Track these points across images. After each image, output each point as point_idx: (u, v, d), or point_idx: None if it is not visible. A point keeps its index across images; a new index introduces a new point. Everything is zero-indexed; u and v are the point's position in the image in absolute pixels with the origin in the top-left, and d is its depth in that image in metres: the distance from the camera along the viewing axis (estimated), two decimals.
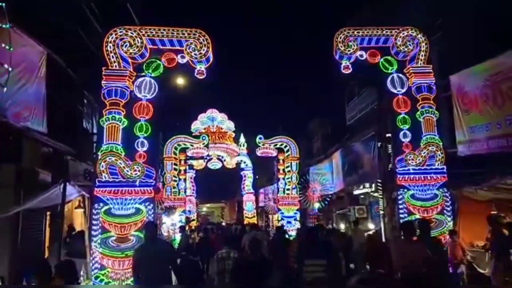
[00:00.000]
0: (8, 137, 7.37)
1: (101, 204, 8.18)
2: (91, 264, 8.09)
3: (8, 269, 7.19)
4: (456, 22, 9.39)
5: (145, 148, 8.66)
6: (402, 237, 6.27)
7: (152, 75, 8.95)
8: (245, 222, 20.62)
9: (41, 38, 7.94)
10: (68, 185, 7.28)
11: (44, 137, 8.25)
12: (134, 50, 8.66)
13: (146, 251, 5.75)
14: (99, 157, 8.32)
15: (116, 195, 8.21)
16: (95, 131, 11.42)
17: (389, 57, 9.51)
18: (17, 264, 7.29)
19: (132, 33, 8.69)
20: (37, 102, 7.84)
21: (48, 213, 8.76)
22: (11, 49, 6.42)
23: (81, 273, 7.89)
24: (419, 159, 9.01)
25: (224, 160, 20.54)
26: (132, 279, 6.95)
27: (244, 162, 21.38)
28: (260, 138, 18.31)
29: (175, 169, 18.88)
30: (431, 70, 9.36)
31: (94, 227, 8.14)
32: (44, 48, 8.07)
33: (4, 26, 6.33)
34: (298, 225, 16.57)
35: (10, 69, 6.45)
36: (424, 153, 9.02)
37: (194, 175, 22.23)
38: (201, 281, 7.60)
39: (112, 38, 8.67)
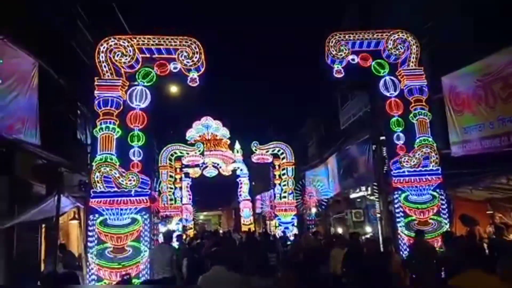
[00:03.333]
0: (1, 150, 7.32)
1: (97, 215, 8.14)
2: (87, 276, 8.02)
3: (3, 282, 7.11)
4: (447, 23, 9.45)
5: (139, 158, 8.65)
6: None
7: (145, 84, 8.96)
8: (243, 229, 20.57)
9: (33, 49, 7.92)
10: (63, 197, 7.22)
11: (37, 149, 8.19)
12: (126, 59, 8.67)
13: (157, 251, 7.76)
14: (94, 168, 8.28)
15: (112, 206, 8.17)
16: (89, 141, 11.37)
17: (380, 60, 9.58)
18: (13, 277, 7.21)
19: (123, 43, 8.69)
20: (30, 114, 7.80)
21: (43, 225, 8.68)
22: (1, 61, 6.40)
23: None
24: (413, 161, 9.04)
25: (220, 168, 20.49)
26: None
27: (240, 169, 21.35)
28: (255, 144, 18.31)
29: (171, 178, 18.81)
30: (423, 72, 9.44)
31: (90, 239, 8.09)
32: (35, 59, 8.04)
33: None
34: (295, 230, 16.54)
35: (0, 81, 6.42)
36: (419, 155, 9.05)
37: (190, 183, 22.15)
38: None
39: (104, 48, 8.67)
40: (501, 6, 8.06)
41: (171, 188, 18.92)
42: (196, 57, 8.90)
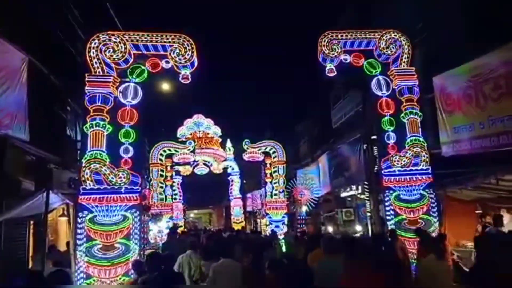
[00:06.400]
0: None
1: (86, 212, 8.05)
2: (76, 274, 7.94)
3: None
4: (439, 24, 9.51)
5: (130, 155, 8.57)
6: None
7: (136, 80, 8.89)
8: (233, 227, 20.55)
9: (23, 44, 7.82)
10: (52, 193, 7.14)
11: (26, 145, 8.09)
12: (118, 55, 8.59)
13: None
14: (83, 164, 8.19)
15: (101, 203, 8.08)
16: (79, 138, 11.27)
17: (372, 60, 9.61)
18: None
19: (115, 39, 8.61)
20: (19, 109, 7.69)
21: (31, 222, 8.59)
22: None
23: None
24: (404, 161, 9.09)
25: (211, 165, 20.43)
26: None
27: (231, 167, 21.31)
28: (247, 143, 18.28)
29: (162, 175, 18.73)
30: (414, 72, 9.48)
31: (79, 236, 8.00)
32: (25, 54, 7.94)
33: None
34: (286, 229, 16.56)
35: None
36: (409, 154, 9.11)
37: (181, 181, 22.06)
38: None
39: (95, 43, 8.58)
40: (493, 7, 8.12)
41: (162, 186, 18.85)
42: (188, 54, 8.86)
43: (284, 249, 12.00)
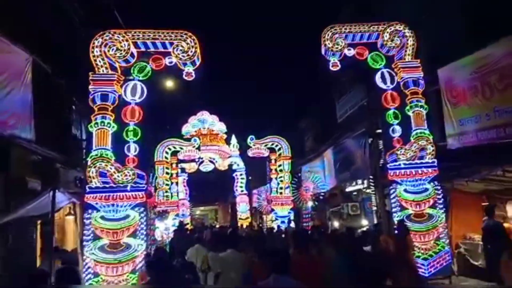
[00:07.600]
0: None
1: (93, 211, 8.08)
2: (84, 274, 7.98)
3: None
4: (443, 15, 9.44)
5: (135, 153, 8.59)
6: None
7: (140, 78, 8.89)
8: (239, 223, 20.60)
9: (27, 44, 7.85)
10: (58, 193, 7.18)
11: (32, 144, 8.13)
12: (121, 53, 8.58)
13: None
14: (89, 163, 8.20)
15: (107, 201, 8.09)
16: (84, 137, 11.31)
17: (377, 53, 9.55)
18: (8, 274, 7.17)
19: (118, 37, 8.60)
20: (24, 109, 7.74)
21: (39, 222, 8.64)
22: None
23: None
24: (410, 154, 9.03)
25: (216, 162, 20.44)
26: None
27: (236, 164, 21.30)
28: (252, 139, 18.29)
29: (167, 173, 18.77)
30: (419, 65, 9.41)
31: (86, 234, 8.04)
32: (29, 55, 7.97)
33: None
34: (292, 224, 16.58)
35: None
36: (415, 147, 9.04)
37: (186, 178, 22.10)
38: None
39: (98, 42, 8.57)
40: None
41: (168, 184, 18.89)
42: (191, 51, 8.83)
43: None
